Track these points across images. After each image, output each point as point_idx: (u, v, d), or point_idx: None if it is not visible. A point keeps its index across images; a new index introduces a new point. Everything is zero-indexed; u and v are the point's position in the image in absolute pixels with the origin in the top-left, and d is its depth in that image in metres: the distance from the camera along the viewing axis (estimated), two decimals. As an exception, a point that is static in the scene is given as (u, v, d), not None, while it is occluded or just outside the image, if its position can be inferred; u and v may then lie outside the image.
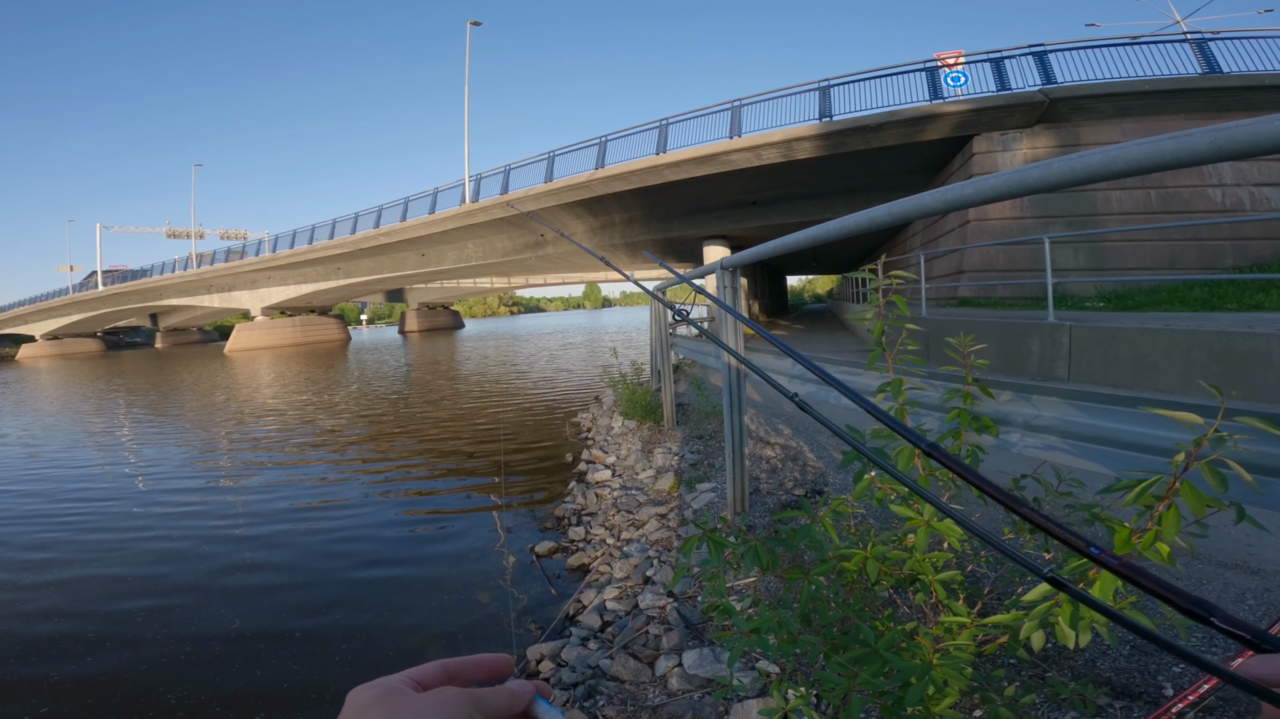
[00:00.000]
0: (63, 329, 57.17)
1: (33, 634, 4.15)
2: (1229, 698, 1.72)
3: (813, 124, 14.67)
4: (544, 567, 4.62)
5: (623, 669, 2.79)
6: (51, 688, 3.45)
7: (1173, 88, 11.26)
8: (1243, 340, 4.66)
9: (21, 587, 4.98)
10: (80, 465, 9.82)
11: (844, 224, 2.31)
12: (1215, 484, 1.00)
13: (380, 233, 28.65)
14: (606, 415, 9.77)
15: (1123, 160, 1.26)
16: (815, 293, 79.73)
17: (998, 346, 6.95)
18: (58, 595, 4.75)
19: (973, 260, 12.18)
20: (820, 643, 1.44)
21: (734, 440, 3.80)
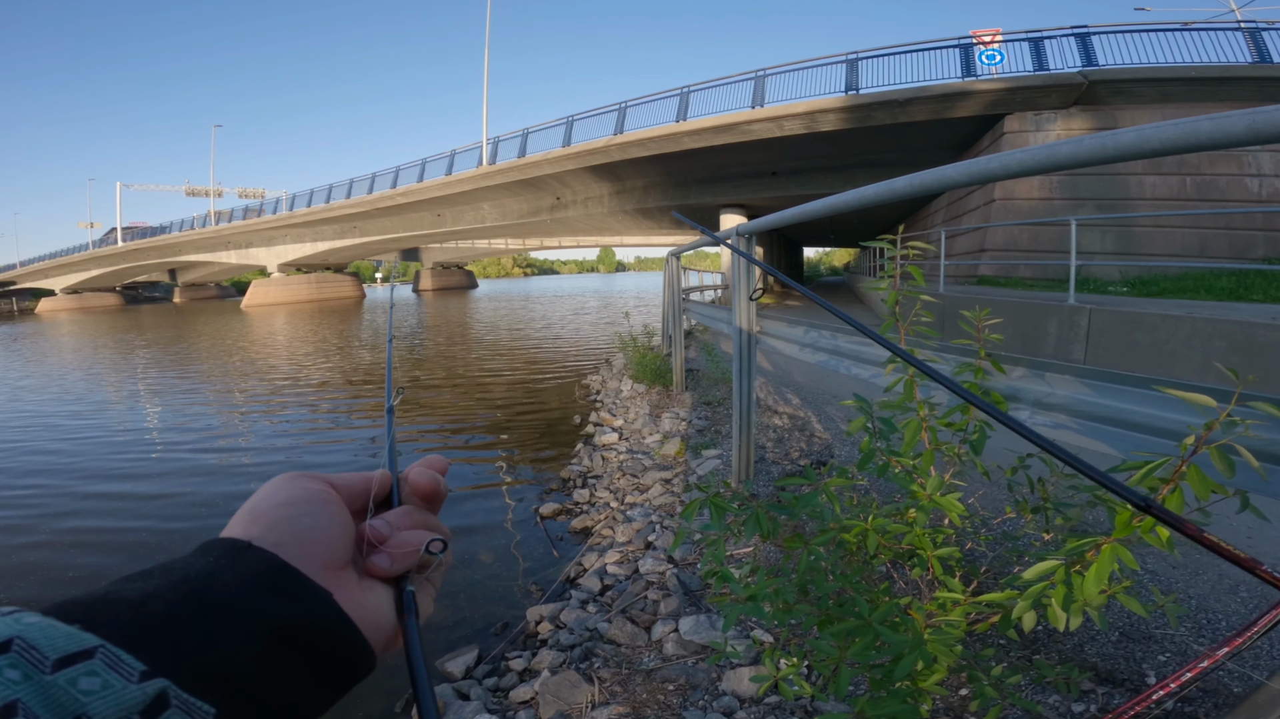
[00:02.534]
0: (82, 284, 57.84)
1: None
2: (1209, 688, 1.72)
3: (838, 96, 14.34)
4: (548, 528, 4.68)
5: (620, 633, 2.83)
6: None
7: (1220, 75, 10.88)
8: (1266, 331, 4.57)
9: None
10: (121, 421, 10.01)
11: (863, 194, 2.27)
12: (1223, 469, 0.97)
13: (397, 193, 28.58)
14: (616, 378, 9.79)
15: (1157, 139, 1.21)
16: (832, 265, 78.91)
17: (1015, 326, 6.86)
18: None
19: (996, 239, 11.96)
20: (815, 613, 1.45)
21: (742, 407, 3.79)
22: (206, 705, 0.23)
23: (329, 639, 0.28)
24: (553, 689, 2.43)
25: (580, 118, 20.23)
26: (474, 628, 3.45)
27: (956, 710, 1.80)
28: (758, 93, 15.75)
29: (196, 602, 0.25)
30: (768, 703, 2.10)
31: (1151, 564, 2.55)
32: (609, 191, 23.82)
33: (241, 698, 0.24)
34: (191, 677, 0.23)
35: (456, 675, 2.96)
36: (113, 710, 0.21)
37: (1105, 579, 1.11)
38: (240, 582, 0.27)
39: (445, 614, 3.61)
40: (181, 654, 0.23)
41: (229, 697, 0.24)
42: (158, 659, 0.23)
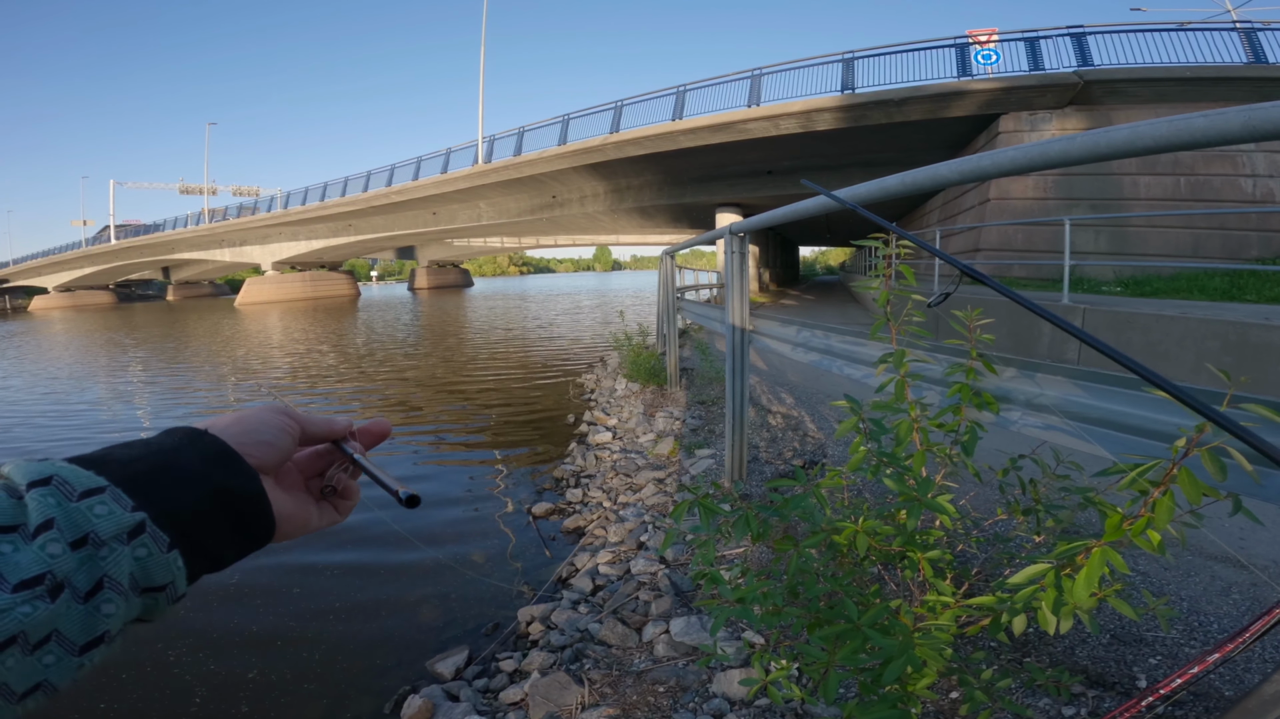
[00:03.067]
0: (75, 281, 57.50)
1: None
2: (1200, 692, 1.71)
3: (834, 95, 14.34)
4: (540, 528, 4.65)
5: (611, 634, 2.82)
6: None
7: (1215, 75, 10.90)
8: (1259, 332, 4.57)
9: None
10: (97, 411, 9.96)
11: (855, 192, 2.25)
12: (1214, 473, 0.96)
13: (392, 191, 28.49)
14: (610, 377, 9.77)
15: (1150, 137, 1.19)
16: (828, 264, 79.08)
17: (1009, 326, 6.86)
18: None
19: (990, 239, 11.98)
20: (805, 616, 1.43)
21: (735, 407, 3.78)
22: (164, 535, 0.33)
23: (248, 505, 0.38)
24: (543, 691, 2.41)
25: (576, 116, 20.19)
26: (465, 628, 3.43)
27: (946, 714, 1.78)
28: (754, 92, 15.74)
29: (165, 468, 0.35)
30: (758, 706, 2.09)
31: (1143, 566, 2.54)
32: (605, 190, 23.78)
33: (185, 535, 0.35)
34: (158, 515, 0.33)
35: (446, 676, 2.94)
36: (112, 529, 0.31)
37: (1095, 582, 1.10)
38: (199, 456, 0.37)
39: (436, 615, 3.58)
40: (154, 500, 0.34)
41: (179, 532, 0.34)
42: (140, 501, 0.33)
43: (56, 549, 0.29)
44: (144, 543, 0.32)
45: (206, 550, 0.36)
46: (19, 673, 0.28)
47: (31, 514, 0.30)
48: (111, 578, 0.31)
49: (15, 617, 0.27)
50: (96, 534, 0.31)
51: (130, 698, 2.98)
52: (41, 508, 0.30)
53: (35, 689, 0.29)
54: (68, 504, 0.31)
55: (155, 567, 0.33)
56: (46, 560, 0.29)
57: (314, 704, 2.90)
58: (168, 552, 0.33)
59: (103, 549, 0.31)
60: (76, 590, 0.30)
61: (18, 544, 0.29)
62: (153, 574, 0.33)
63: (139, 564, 0.32)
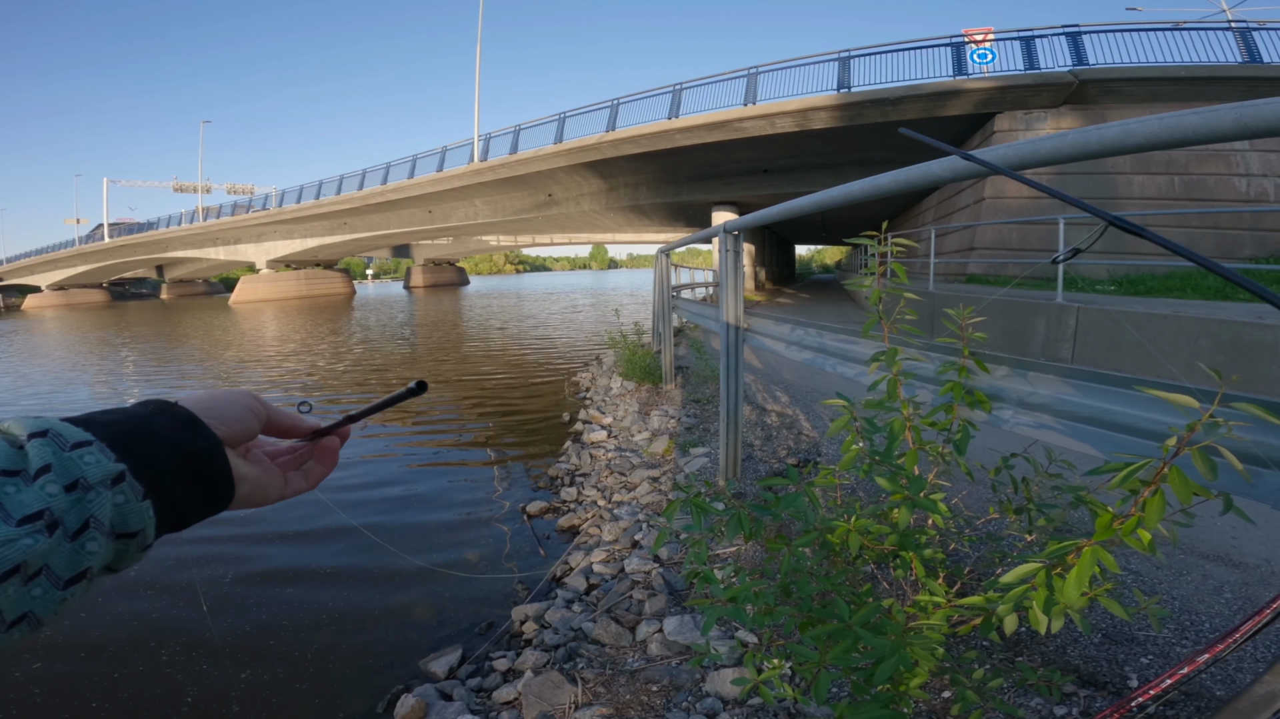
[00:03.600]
0: (69, 280, 57.17)
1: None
2: (1192, 692, 1.71)
3: (830, 94, 14.36)
4: (534, 527, 4.64)
5: (604, 633, 2.81)
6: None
7: (1210, 74, 10.93)
8: (1251, 331, 4.59)
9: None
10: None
11: (849, 190, 2.25)
12: (1205, 472, 0.95)
13: (388, 189, 28.40)
14: (606, 375, 9.75)
15: (1141, 134, 1.18)
16: (824, 263, 79.07)
17: (1003, 325, 6.88)
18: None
19: (985, 238, 12.00)
20: (797, 615, 1.43)
21: (729, 406, 3.77)
22: (139, 485, 0.37)
23: (210, 464, 0.42)
24: (536, 690, 2.40)
25: (572, 114, 20.15)
26: (458, 627, 3.42)
27: (938, 714, 1.78)
28: (750, 90, 15.73)
29: (142, 429, 0.39)
30: (751, 705, 2.09)
31: (1135, 565, 2.55)
32: (601, 188, 23.75)
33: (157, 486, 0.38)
34: (136, 467, 0.37)
35: (440, 676, 2.93)
36: (99, 475, 0.35)
37: (1086, 582, 1.09)
38: (170, 422, 0.41)
39: (429, 614, 3.57)
40: (132, 454, 0.37)
41: (151, 484, 0.38)
42: (121, 455, 0.37)
43: (54, 489, 0.33)
44: (123, 490, 0.36)
45: (174, 504, 0.40)
46: (11, 602, 0.31)
47: (32, 460, 0.33)
48: (96, 519, 0.35)
49: (20, 547, 0.31)
50: (85, 479, 0.34)
51: (122, 698, 2.96)
52: (40, 455, 0.34)
53: (21, 619, 0.32)
54: (62, 453, 0.34)
55: (131, 513, 0.37)
56: (46, 498, 0.33)
57: (307, 704, 2.88)
58: (142, 500, 0.37)
59: (90, 493, 0.34)
60: (67, 529, 0.33)
61: (20, 486, 0.32)
62: (128, 520, 0.36)
63: (117, 510, 0.36)
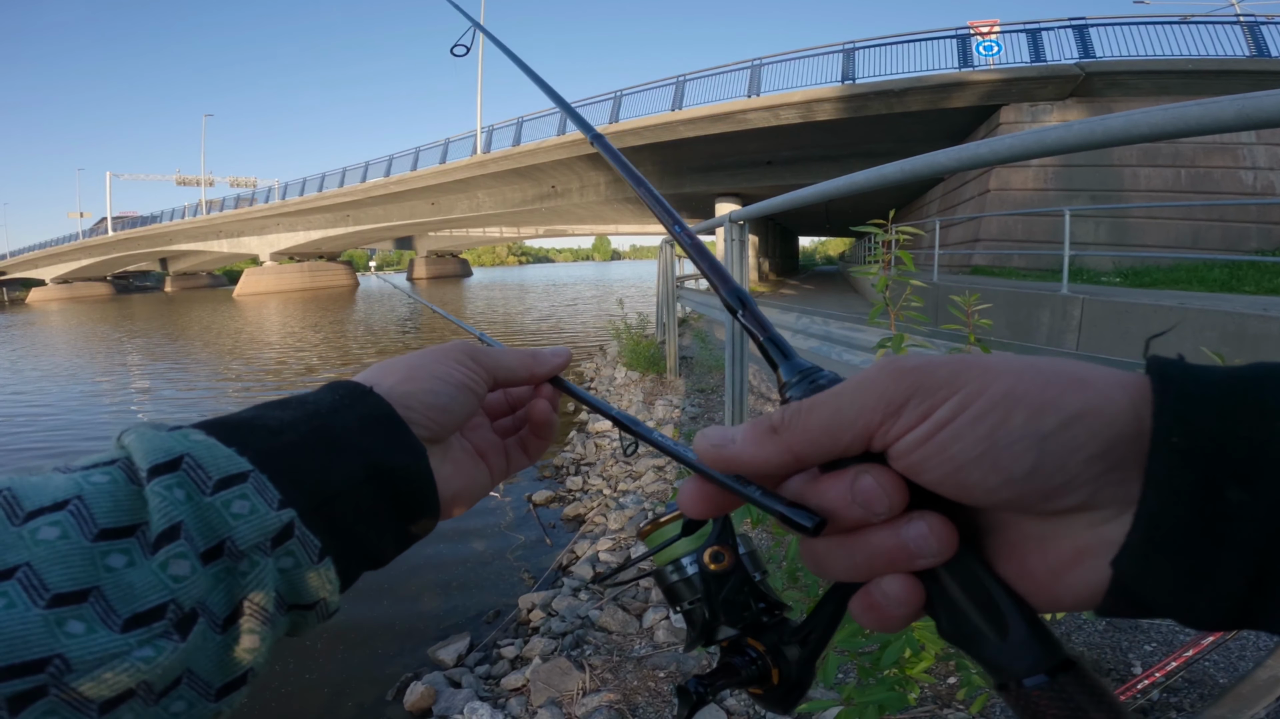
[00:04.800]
0: (72, 273, 57.41)
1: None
2: (1194, 678, 1.73)
3: (834, 86, 14.30)
4: (540, 516, 4.68)
5: (611, 620, 2.84)
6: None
7: (1217, 68, 10.88)
8: (1256, 323, 4.58)
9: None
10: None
11: (854, 180, 2.25)
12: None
13: (391, 181, 28.41)
14: (610, 366, 9.78)
15: (1145, 124, 1.19)
16: (827, 254, 78.92)
17: (1007, 315, 6.88)
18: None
19: (990, 229, 11.98)
20: (803, 599, 1.45)
21: (734, 395, 3.79)
22: (315, 539, 0.26)
23: (410, 485, 0.31)
24: (544, 677, 2.44)
25: (575, 106, 20.05)
26: (466, 616, 3.45)
27: (944, 698, 1.81)
28: (754, 82, 15.68)
29: (321, 435, 0.28)
30: (757, 690, 2.11)
31: (1139, 553, 2.56)
32: (604, 180, 23.71)
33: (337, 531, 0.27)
34: (308, 509, 0.26)
35: (448, 663, 2.97)
36: (255, 535, 0.24)
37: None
38: (358, 420, 0.30)
39: (437, 602, 3.61)
40: (304, 486, 0.26)
41: (330, 530, 0.27)
42: (288, 489, 0.26)
43: (183, 569, 0.22)
44: (290, 550, 0.25)
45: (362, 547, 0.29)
46: None
47: (154, 514, 0.23)
48: (254, 603, 0.24)
49: (132, 663, 0.20)
50: (234, 543, 0.24)
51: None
52: (167, 506, 0.23)
53: None
54: (200, 499, 0.24)
55: (304, 581, 0.26)
56: (169, 586, 0.22)
57: (316, 692, 2.92)
58: (318, 561, 0.26)
59: (242, 562, 0.24)
60: (213, 618, 0.23)
61: (134, 555, 0.22)
62: (300, 590, 0.26)
63: (285, 578, 0.26)
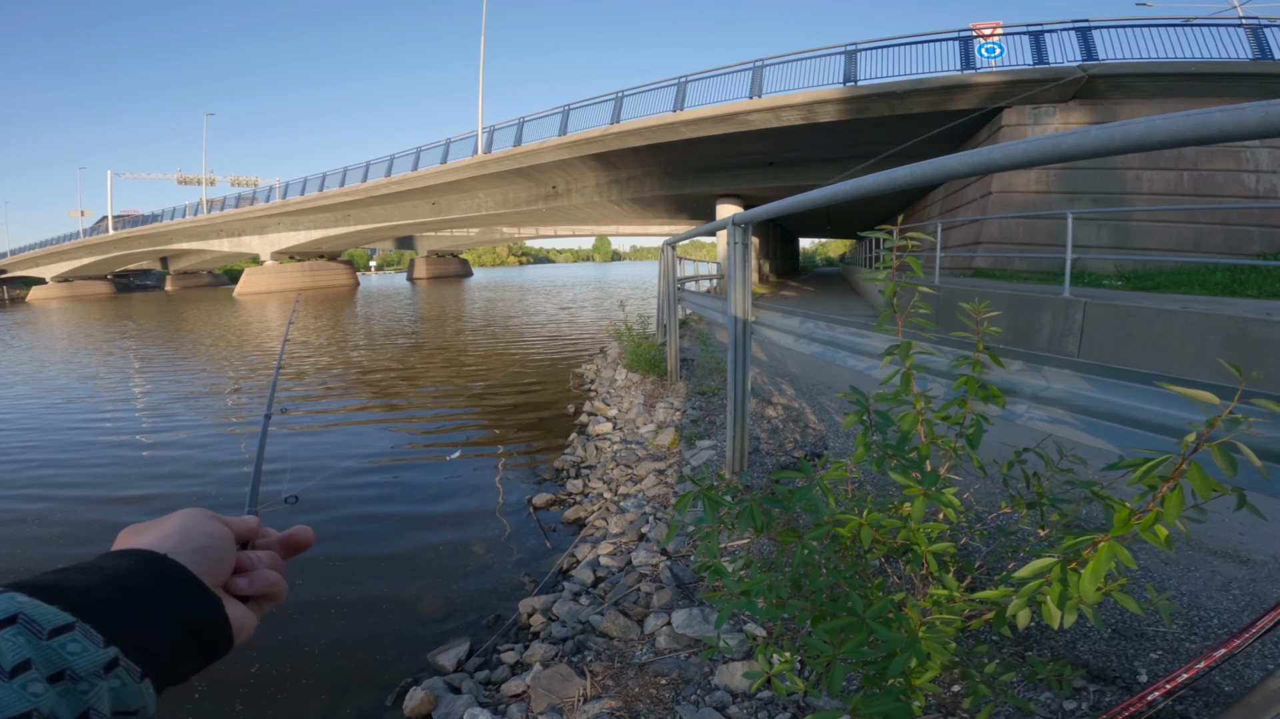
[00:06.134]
0: (73, 272, 57.32)
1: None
2: (1201, 687, 1.71)
3: (836, 88, 14.28)
4: (540, 519, 4.66)
5: (612, 625, 2.82)
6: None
7: (1221, 71, 10.85)
8: (1259, 327, 4.57)
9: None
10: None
11: (862, 184, 2.24)
12: (1225, 468, 0.95)
13: (392, 181, 28.38)
14: (610, 367, 9.76)
15: (1166, 131, 1.18)
16: (828, 256, 78.79)
17: (1009, 319, 6.86)
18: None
19: (992, 231, 11.96)
20: (808, 608, 1.43)
21: (736, 398, 3.78)
22: (136, 667, 0.34)
23: (213, 630, 0.39)
24: (544, 683, 2.42)
25: (576, 107, 20.09)
26: (466, 620, 3.44)
27: (949, 707, 1.79)
28: (755, 83, 15.66)
29: (129, 598, 0.35)
30: (760, 698, 2.10)
31: (1143, 561, 2.55)
32: (605, 181, 23.69)
33: (153, 661, 0.35)
34: (128, 646, 0.34)
35: (448, 668, 2.95)
36: (89, 666, 0.31)
37: (1102, 577, 1.09)
38: (160, 583, 0.37)
39: (437, 606, 3.59)
40: (122, 631, 0.34)
41: (147, 660, 0.35)
42: (109, 633, 0.33)
43: (38, 688, 0.29)
44: (118, 674, 0.33)
45: (173, 672, 0.37)
46: None
47: (5, 655, 0.29)
48: (97, 710, 0.32)
49: None
50: (73, 671, 0.31)
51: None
52: (15, 648, 0.30)
53: None
54: (39, 643, 0.30)
55: (129, 695, 0.34)
56: (30, 699, 0.29)
57: (316, 697, 2.91)
58: (140, 681, 0.34)
59: (81, 684, 0.31)
60: None
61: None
62: (126, 701, 0.34)
63: (114, 695, 0.33)
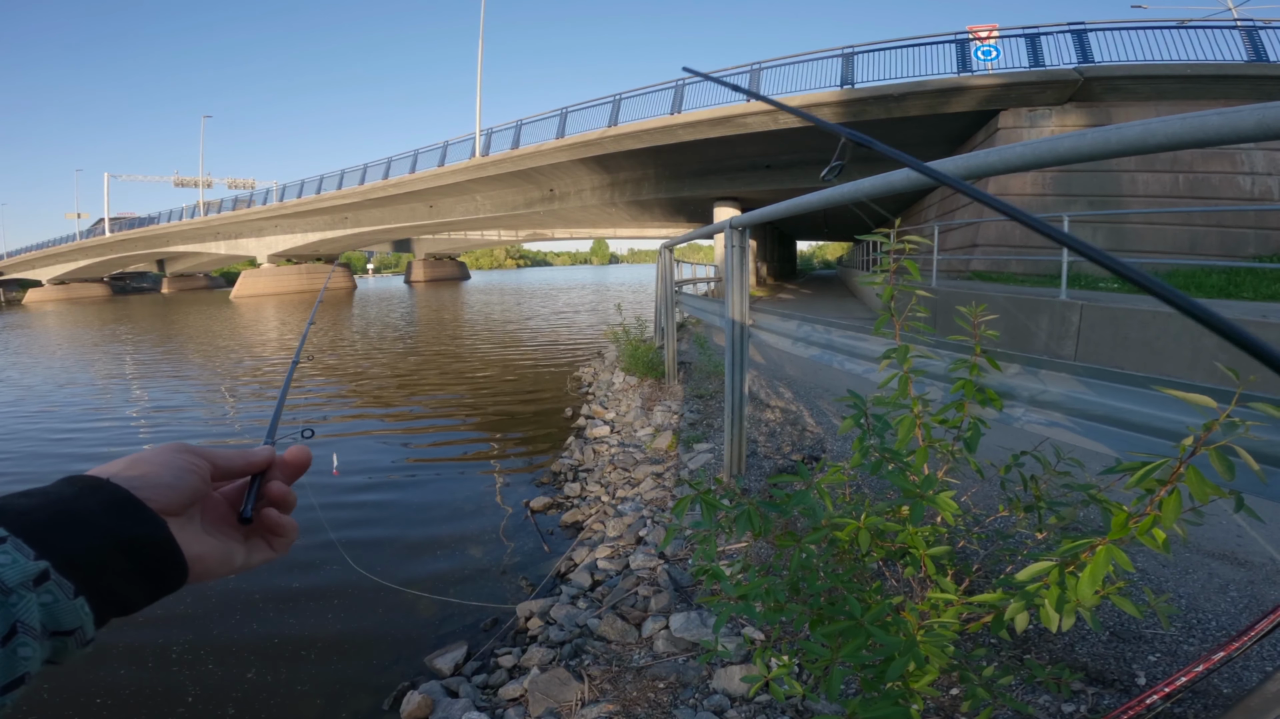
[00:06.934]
0: (69, 274, 57.19)
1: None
2: (1200, 690, 1.71)
3: (834, 90, 14.33)
4: (538, 522, 4.65)
5: (610, 629, 2.81)
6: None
7: (1215, 73, 10.90)
8: (1256, 330, 4.58)
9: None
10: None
11: (859, 187, 2.24)
12: (1222, 471, 0.96)
13: (389, 184, 28.37)
14: (608, 370, 9.76)
15: (1163, 134, 1.18)
16: (825, 259, 78.81)
17: (1005, 322, 6.87)
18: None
19: (988, 234, 11.99)
20: (806, 612, 1.43)
21: (733, 401, 3.77)
22: (69, 583, 0.34)
23: (155, 551, 0.38)
24: (542, 687, 2.41)
25: (574, 109, 20.12)
26: (463, 624, 3.43)
27: (948, 711, 1.79)
28: (753, 86, 15.71)
29: (66, 517, 0.35)
30: (758, 702, 2.09)
31: (1141, 563, 2.55)
32: (603, 183, 23.71)
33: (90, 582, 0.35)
34: (61, 564, 0.33)
35: (445, 672, 2.94)
36: (17, 577, 0.31)
37: (1100, 580, 1.09)
38: (99, 506, 0.37)
39: (434, 610, 3.58)
40: (55, 549, 0.34)
41: (83, 580, 0.34)
42: (41, 550, 0.33)
43: None
44: (49, 589, 0.33)
45: (114, 595, 0.36)
46: None
47: None
48: (24, 623, 0.32)
49: None
50: (2, 582, 0.31)
51: (126, 697, 2.97)
52: None
53: None
54: None
55: (62, 612, 0.33)
56: None
57: (312, 702, 2.90)
58: (74, 598, 0.34)
59: (11, 596, 0.31)
60: None
61: None
62: (60, 619, 0.33)
63: (46, 610, 0.33)
